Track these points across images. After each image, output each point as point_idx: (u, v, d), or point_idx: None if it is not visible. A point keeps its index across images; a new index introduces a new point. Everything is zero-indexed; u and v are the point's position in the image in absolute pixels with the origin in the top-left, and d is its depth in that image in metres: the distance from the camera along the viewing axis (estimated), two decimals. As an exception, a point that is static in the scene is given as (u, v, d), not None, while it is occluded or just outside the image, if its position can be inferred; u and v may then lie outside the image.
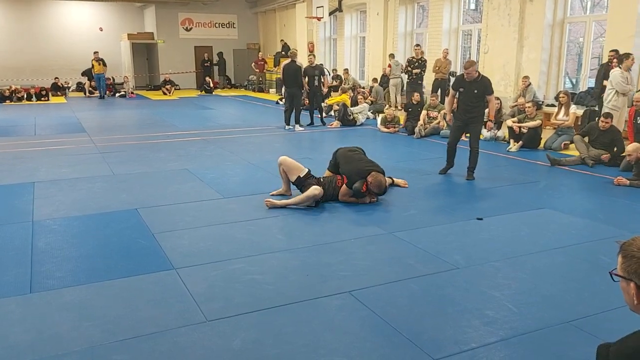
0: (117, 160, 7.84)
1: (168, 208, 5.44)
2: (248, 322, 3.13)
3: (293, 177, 5.66)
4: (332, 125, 11.64)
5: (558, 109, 9.06)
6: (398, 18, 15.57)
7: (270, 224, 4.96)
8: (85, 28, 22.96)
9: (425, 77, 13.20)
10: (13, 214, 5.23)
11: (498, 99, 8.48)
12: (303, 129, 11.15)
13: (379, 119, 11.29)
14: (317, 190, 5.36)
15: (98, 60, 18.27)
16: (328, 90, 14.24)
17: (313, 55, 12.96)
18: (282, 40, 21.60)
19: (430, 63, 13.30)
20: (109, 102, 17.97)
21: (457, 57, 14.33)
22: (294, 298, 3.42)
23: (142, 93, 21.14)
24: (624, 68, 8.28)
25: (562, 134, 8.80)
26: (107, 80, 19.30)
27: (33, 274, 3.79)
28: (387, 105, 12.85)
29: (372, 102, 13.47)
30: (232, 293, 3.50)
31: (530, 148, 8.70)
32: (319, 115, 12.10)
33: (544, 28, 11.17)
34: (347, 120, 11.70)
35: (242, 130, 11.04)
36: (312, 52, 18.03)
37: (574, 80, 12.71)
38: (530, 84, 10.67)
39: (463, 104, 6.68)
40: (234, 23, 24.19)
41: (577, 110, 9.35)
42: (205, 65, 22.37)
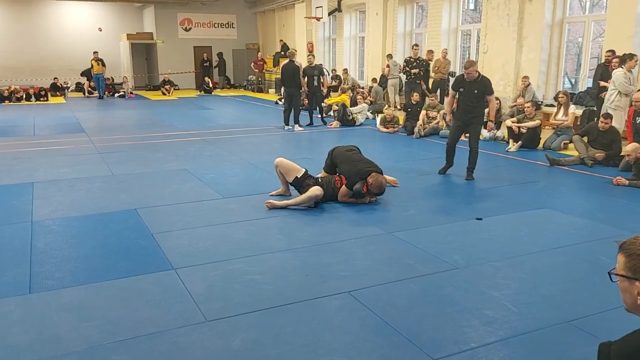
0: (116, 161, 7.84)
1: (167, 208, 5.44)
2: (248, 322, 3.12)
3: (290, 178, 5.66)
4: (331, 126, 11.64)
5: (557, 109, 9.07)
6: (397, 18, 15.57)
7: (270, 224, 4.96)
8: (85, 28, 22.95)
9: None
10: (12, 215, 5.22)
11: (497, 99, 8.48)
12: (302, 129, 11.14)
13: (378, 119, 11.29)
14: (318, 191, 5.37)
15: (97, 61, 18.25)
16: (327, 91, 14.25)
17: (312, 56, 12.97)
18: (281, 41, 21.60)
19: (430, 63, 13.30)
20: (108, 102, 17.96)
21: (456, 57, 14.33)
22: (294, 298, 3.42)
23: (141, 93, 21.13)
24: (627, 68, 8.28)
25: (561, 134, 8.81)
26: (106, 81, 19.27)
27: (32, 275, 3.79)
28: (386, 106, 12.85)
29: (371, 102, 13.46)
30: (231, 293, 3.50)
31: (530, 148, 8.70)
32: (319, 115, 12.11)
33: (543, 28, 11.17)
34: (346, 121, 11.70)
35: (241, 131, 11.03)
36: (311, 52, 18.03)
37: (573, 81, 12.72)
38: (530, 84, 10.68)
39: (463, 104, 6.68)
40: (233, 23, 24.18)
41: (576, 110, 9.35)
42: (205, 66, 22.37)
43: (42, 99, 17.97)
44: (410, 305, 3.35)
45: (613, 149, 7.41)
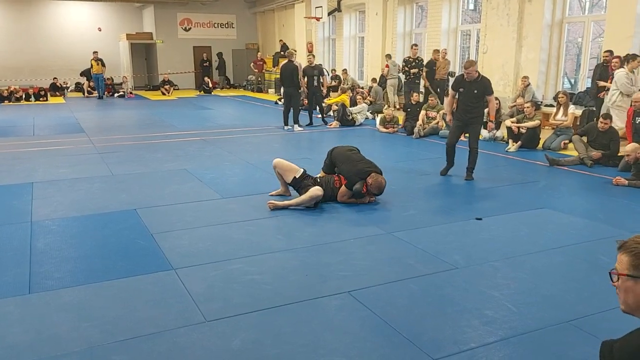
0: (115, 161, 7.83)
1: (167, 208, 5.44)
2: (247, 322, 3.12)
3: (289, 178, 5.66)
4: (331, 126, 11.64)
5: (557, 109, 9.07)
6: (397, 18, 15.57)
7: (270, 224, 4.96)
8: (84, 28, 22.94)
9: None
10: (11, 215, 5.22)
11: (497, 99, 8.48)
12: (302, 129, 11.14)
13: (378, 119, 11.29)
14: (319, 191, 5.37)
15: (97, 61, 18.25)
16: (327, 91, 14.24)
17: (312, 56, 12.95)
18: (281, 41, 21.60)
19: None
20: (108, 102, 17.95)
21: (456, 57, 14.34)
22: (294, 298, 3.42)
23: (140, 93, 21.13)
24: (629, 69, 8.27)
25: (560, 134, 8.81)
26: (105, 81, 19.27)
27: (32, 275, 3.79)
28: (386, 106, 12.85)
29: (371, 102, 13.46)
30: (231, 293, 3.49)
31: (529, 148, 8.70)
32: (319, 115, 12.11)
33: (543, 28, 11.18)
34: (346, 121, 11.70)
35: (241, 131, 11.03)
36: (311, 52, 18.03)
37: (573, 81, 12.72)
38: (529, 84, 10.68)
39: (463, 104, 6.67)
40: (233, 23, 24.18)
41: (575, 111, 9.35)
42: (204, 66, 22.37)
43: (41, 99, 17.97)
44: (410, 305, 3.35)
45: (611, 149, 7.41)
